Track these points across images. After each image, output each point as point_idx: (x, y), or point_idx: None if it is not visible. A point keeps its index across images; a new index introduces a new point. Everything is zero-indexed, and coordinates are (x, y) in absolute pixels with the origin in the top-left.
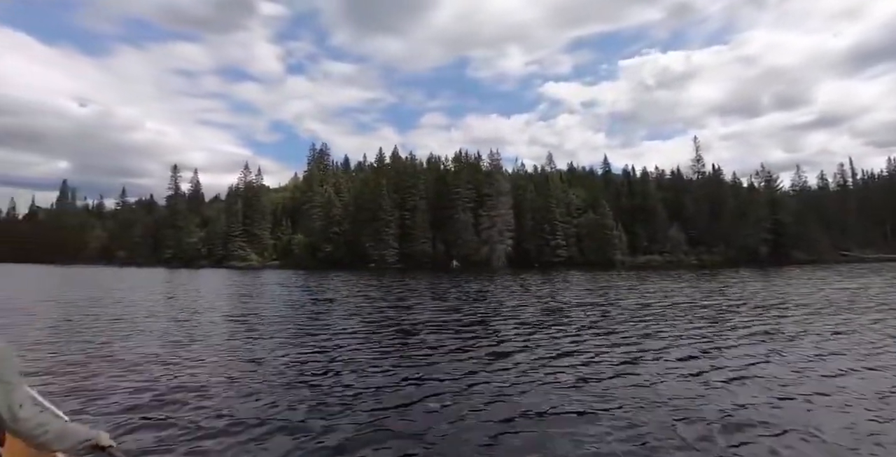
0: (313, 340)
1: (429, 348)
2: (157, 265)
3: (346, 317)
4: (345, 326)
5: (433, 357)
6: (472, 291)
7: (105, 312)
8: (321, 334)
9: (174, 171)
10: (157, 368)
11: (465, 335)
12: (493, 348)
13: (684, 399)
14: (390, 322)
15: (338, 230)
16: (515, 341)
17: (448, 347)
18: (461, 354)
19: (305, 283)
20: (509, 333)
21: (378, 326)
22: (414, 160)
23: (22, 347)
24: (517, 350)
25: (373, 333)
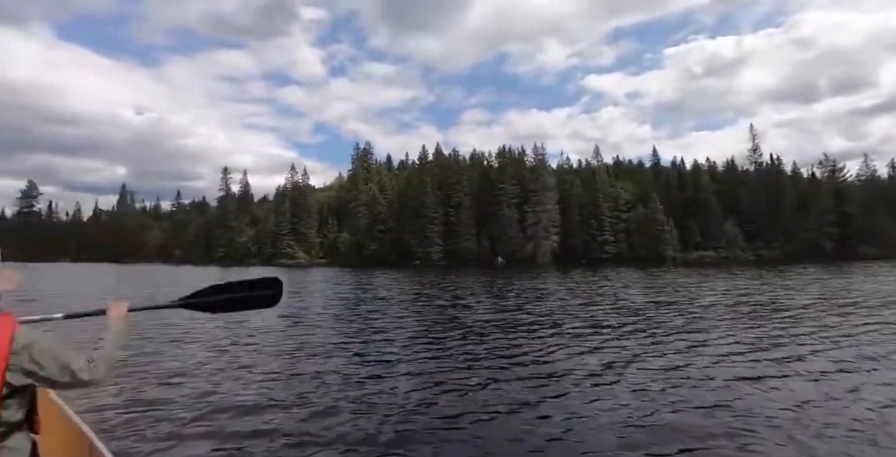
0: (376, 340)
1: (498, 349)
2: (211, 264)
3: (408, 316)
4: (408, 326)
5: (501, 359)
6: (528, 289)
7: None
8: (384, 334)
9: (224, 173)
10: (206, 361)
11: (535, 336)
12: (567, 349)
13: (818, 409)
14: (455, 322)
15: (383, 228)
16: (589, 342)
17: (520, 349)
18: (534, 355)
19: (356, 281)
20: (583, 333)
21: (444, 326)
22: (457, 157)
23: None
24: (588, 350)
25: (439, 334)
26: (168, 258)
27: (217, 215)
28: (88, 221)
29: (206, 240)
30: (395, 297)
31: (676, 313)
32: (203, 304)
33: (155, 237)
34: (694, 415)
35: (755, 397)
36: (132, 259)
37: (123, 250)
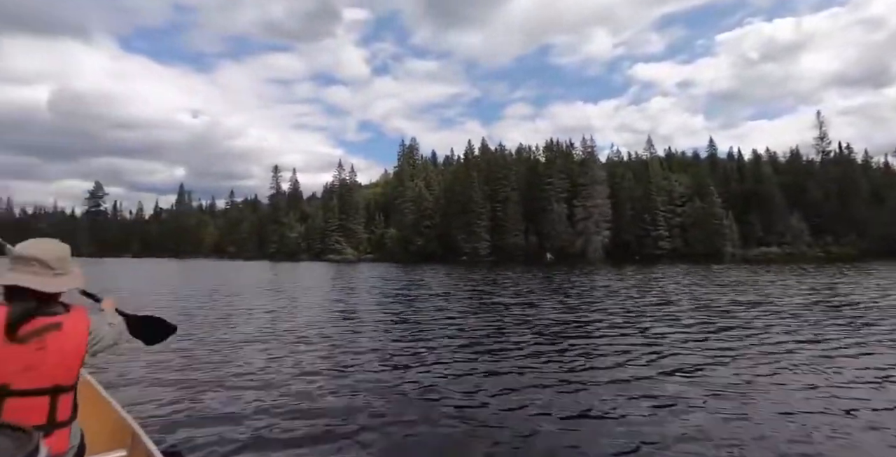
0: (423, 336)
1: (553, 349)
2: (263, 259)
3: (457, 312)
4: (457, 322)
5: (557, 360)
6: (581, 286)
7: (219, 302)
8: (431, 331)
9: (275, 171)
10: (260, 355)
11: (590, 335)
12: (630, 351)
13: None
14: (506, 320)
15: (429, 224)
16: (654, 343)
17: (577, 349)
18: (591, 356)
19: (403, 276)
20: (644, 333)
21: (494, 323)
22: (503, 151)
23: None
24: (654, 352)
25: (490, 332)
26: (223, 254)
27: (268, 212)
28: (150, 220)
29: (258, 236)
30: (444, 293)
31: (748, 314)
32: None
33: (210, 234)
34: (785, 430)
35: (855, 420)
36: (190, 255)
37: (182, 247)
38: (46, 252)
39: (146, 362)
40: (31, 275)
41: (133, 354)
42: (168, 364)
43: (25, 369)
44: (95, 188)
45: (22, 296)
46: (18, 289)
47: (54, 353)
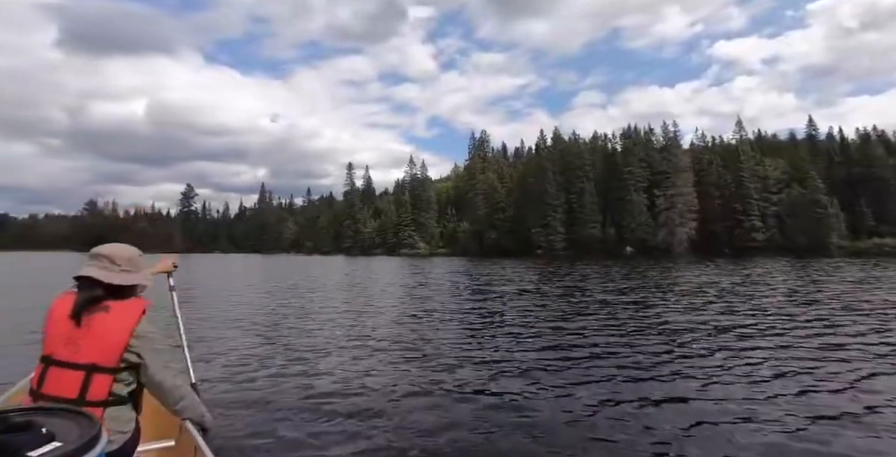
0: (498, 333)
1: (645, 353)
2: (338, 253)
3: (533, 309)
4: (533, 320)
5: (648, 367)
6: (668, 281)
7: (296, 296)
8: (506, 328)
9: (349, 169)
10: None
11: (686, 338)
12: (734, 360)
13: None
14: (589, 317)
15: (502, 217)
16: (763, 349)
17: (670, 355)
18: (689, 365)
19: (476, 270)
20: (749, 337)
21: (575, 321)
22: (578, 140)
23: (222, 317)
24: (769, 362)
25: (570, 331)
26: (301, 249)
27: (343, 209)
28: (235, 218)
29: (334, 232)
30: (522, 290)
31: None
32: None
33: (290, 230)
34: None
35: None
36: (271, 250)
37: (264, 243)
38: (115, 251)
39: (209, 353)
40: (97, 268)
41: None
42: (230, 354)
43: (67, 342)
44: (187, 190)
45: (90, 286)
46: (88, 280)
47: (96, 333)
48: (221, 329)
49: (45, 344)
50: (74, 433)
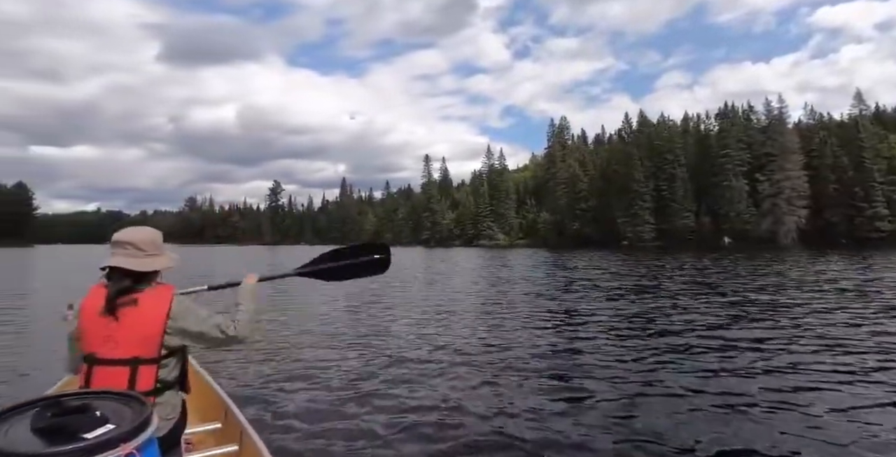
0: (578, 331)
1: (746, 367)
2: (416, 245)
3: (618, 306)
4: (618, 318)
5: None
6: (779, 278)
7: (375, 287)
8: (587, 327)
9: (426, 161)
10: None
11: (800, 350)
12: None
13: None
14: (682, 319)
15: (585, 206)
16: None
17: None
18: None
19: (557, 262)
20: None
21: (668, 324)
22: (666, 123)
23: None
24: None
25: (660, 335)
26: (381, 240)
27: (421, 200)
28: (318, 211)
29: (412, 223)
30: (603, 282)
31: None
32: (316, 272)
33: (370, 222)
34: None
35: None
36: (353, 242)
37: (346, 234)
38: (138, 235)
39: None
40: (124, 256)
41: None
42: (292, 344)
43: (105, 339)
44: (274, 186)
45: (119, 276)
46: (116, 270)
47: (129, 326)
48: (299, 325)
49: (84, 343)
50: (127, 417)
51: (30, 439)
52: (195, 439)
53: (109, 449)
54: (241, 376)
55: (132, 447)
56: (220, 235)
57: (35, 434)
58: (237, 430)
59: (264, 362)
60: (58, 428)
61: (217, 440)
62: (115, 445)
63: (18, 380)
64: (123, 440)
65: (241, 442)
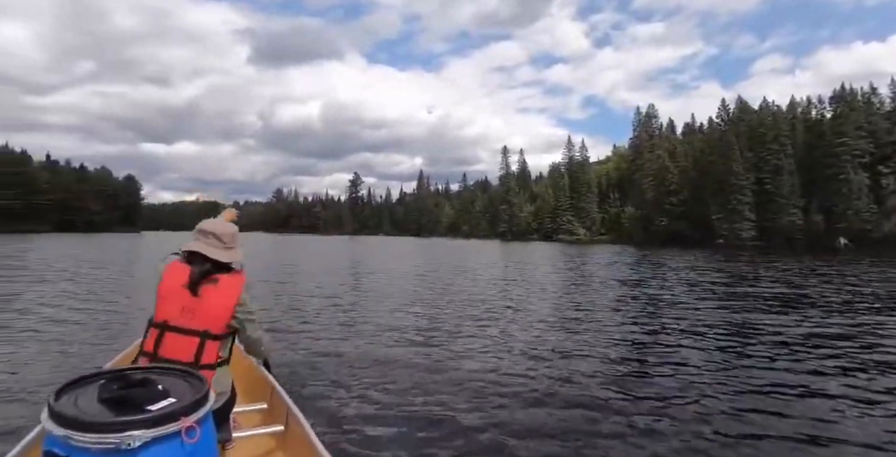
0: (661, 342)
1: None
2: (493, 238)
3: (710, 315)
4: (709, 329)
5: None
6: None
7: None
8: (675, 337)
9: (504, 153)
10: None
11: None
12: None
13: None
14: (790, 335)
15: (674, 200)
16: None
17: None
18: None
19: (642, 260)
20: None
21: (769, 337)
22: (770, 108)
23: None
24: None
25: (757, 351)
26: (457, 233)
27: (499, 193)
28: (396, 203)
29: (489, 216)
30: (704, 286)
31: None
32: None
33: (447, 215)
34: None
35: None
36: (429, 234)
37: (422, 226)
38: (221, 229)
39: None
40: (207, 245)
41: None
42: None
43: (182, 310)
44: (354, 179)
45: (199, 260)
46: (198, 254)
47: (207, 302)
48: (357, 313)
49: (158, 310)
50: (187, 391)
51: (97, 408)
52: (242, 418)
53: (172, 421)
54: (289, 359)
55: (192, 421)
56: (303, 225)
57: (102, 404)
58: (283, 411)
59: (313, 346)
60: (123, 399)
61: (263, 420)
62: (176, 417)
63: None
64: (184, 414)
65: (287, 423)
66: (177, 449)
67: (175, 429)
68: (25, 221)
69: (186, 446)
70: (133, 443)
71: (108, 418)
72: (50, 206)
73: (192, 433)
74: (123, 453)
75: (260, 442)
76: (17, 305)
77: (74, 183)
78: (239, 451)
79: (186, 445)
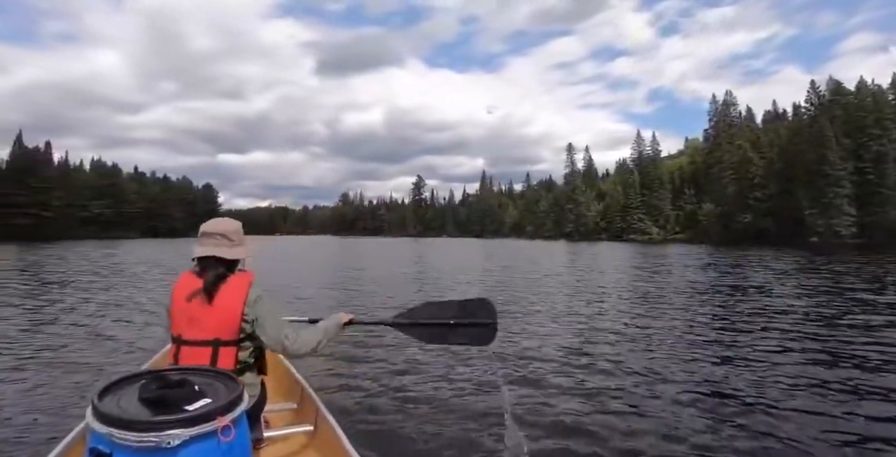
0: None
1: None
2: (559, 238)
3: (811, 329)
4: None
5: None
6: None
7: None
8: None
9: (569, 150)
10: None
11: None
12: None
13: None
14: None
15: (759, 195)
16: None
17: None
18: None
19: (726, 263)
20: None
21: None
22: (869, 89)
23: None
24: None
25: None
26: (521, 233)
27: (564, 192)
28: (459, 204)
29: (554, 215)
30: (788, 292)
31: None
32: (412, 327)
33: (510, 215)
34: None
35: None
36: (492, 235)
37: (486, 227)
38: (227, 226)
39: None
40: (215, 246)
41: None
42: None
43: (190, 321)
44: (417, 181)
45: (213, 264)
46: (209, 259)
47: (214, 310)
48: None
49: (172, 325)
50: (222, 392)
51: (138, 407)
52: (273, 418)
53: (208, 421)
54: (319, 361)
55: (228, 420)
56: (368, 228)
57: (142, 404)
58: (312, 411)
59: (345, 350)
60: (162, 399)
61: (293, 420)
62: (213, 417)
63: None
64: (220, 413)
65: (317, 423)
66: (213, 448)
67: (212, 428)
68: (117, 228)
69: (222, 444)
70: (172, 441)
71: (149, 418)
72: (138, 214)
73: (228, 432)
74: (163, 451)
75: (290, 442)
76: (83, 306)
77: (159, 192)
78: (269, 450)
79: (222, 444)
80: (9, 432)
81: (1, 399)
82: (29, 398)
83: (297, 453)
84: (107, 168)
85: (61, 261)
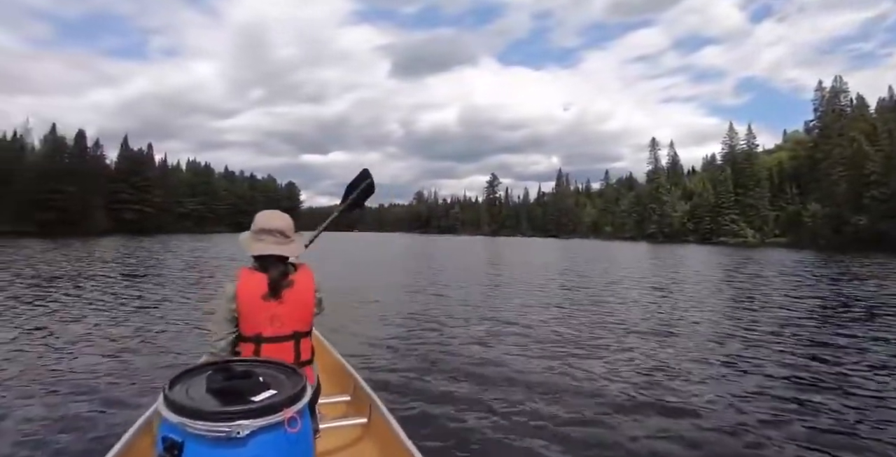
0: None
1: None
2: (641, 239)
3: None
4: None
5: None
6: None
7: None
8: None
9: (652, 146)
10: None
11: None
12: None
13: None
14: None
15: (876, 194)
16: None
17: None
18: None
19: (839, 272)
20: None
21: None
22: None
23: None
24: None
25: None
26: (599, 234)
27: (647, 190)
28: (534, 203)
29: (636, 215)
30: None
31: None
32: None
33: (588, 214)
34: None
35: None
36: (569, 235)
37: (562, 227)
38: (283, 223)
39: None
40: (276, 244)
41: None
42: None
43: (272, 319)
44: (491, 179)
45: (274, 262)
46: (270, 256)
47: (290, 305)
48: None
49: (246, 325)
50: (286, 384)
51: (207, 398)
52: (326, 409)
53: (274, 412)
54: (372, 353)
55: (293, 412)
56: (441, 226)
57: (210, 394)
58: (366, 403)
59: (396, 341)
60: (229, 390)
61: (347, 412)
62: (278, 409)
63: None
64: (286, 405)
65: (371, 416)
66: (280, 438)
67: (279, 419)
68: (209, 223)
69: (290, 435)
70: (242, 431)
71: (219, 408)
72: (227, 210)
73: (294, 423)
74: (234, 441)
75: (344, 433)
76: (167, 297)
77: (246, 190)
78: (324, 441)
79: (289, 434)
80: (83, 411)
81: (75, 380)
82: (106, 379)
83: (351, 445)
84: (201, 168)
85: (157, 253)
